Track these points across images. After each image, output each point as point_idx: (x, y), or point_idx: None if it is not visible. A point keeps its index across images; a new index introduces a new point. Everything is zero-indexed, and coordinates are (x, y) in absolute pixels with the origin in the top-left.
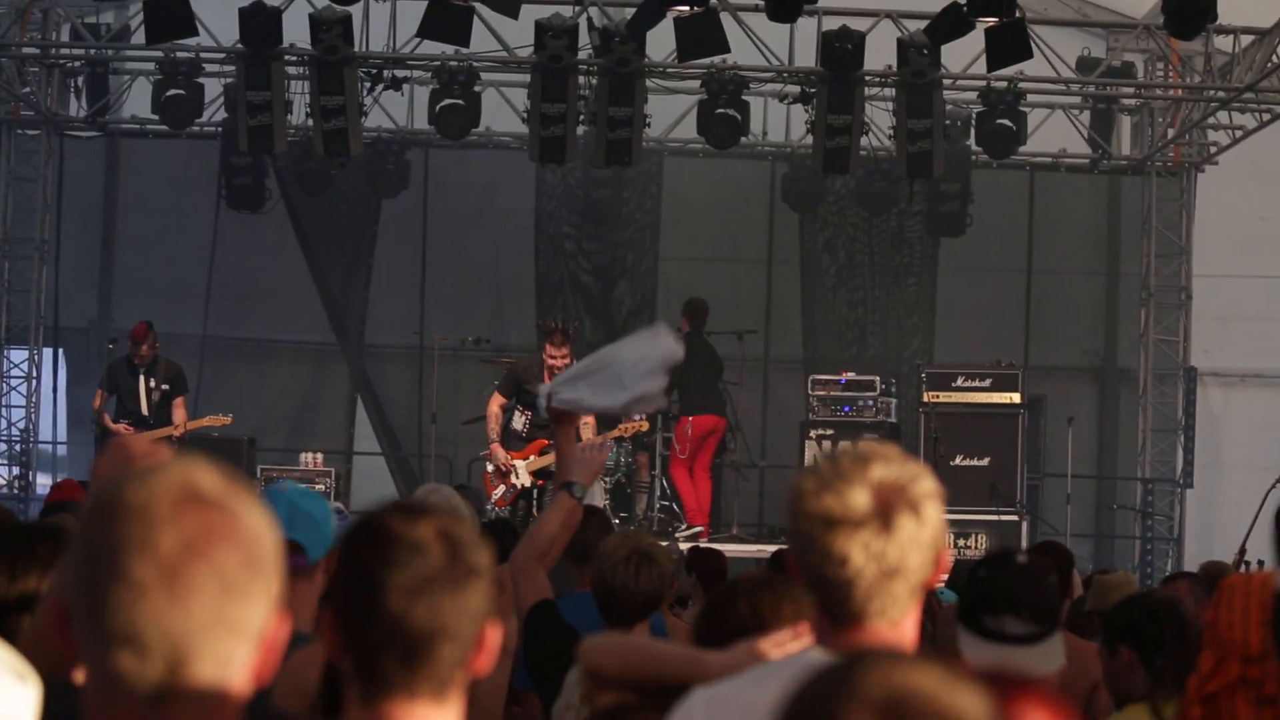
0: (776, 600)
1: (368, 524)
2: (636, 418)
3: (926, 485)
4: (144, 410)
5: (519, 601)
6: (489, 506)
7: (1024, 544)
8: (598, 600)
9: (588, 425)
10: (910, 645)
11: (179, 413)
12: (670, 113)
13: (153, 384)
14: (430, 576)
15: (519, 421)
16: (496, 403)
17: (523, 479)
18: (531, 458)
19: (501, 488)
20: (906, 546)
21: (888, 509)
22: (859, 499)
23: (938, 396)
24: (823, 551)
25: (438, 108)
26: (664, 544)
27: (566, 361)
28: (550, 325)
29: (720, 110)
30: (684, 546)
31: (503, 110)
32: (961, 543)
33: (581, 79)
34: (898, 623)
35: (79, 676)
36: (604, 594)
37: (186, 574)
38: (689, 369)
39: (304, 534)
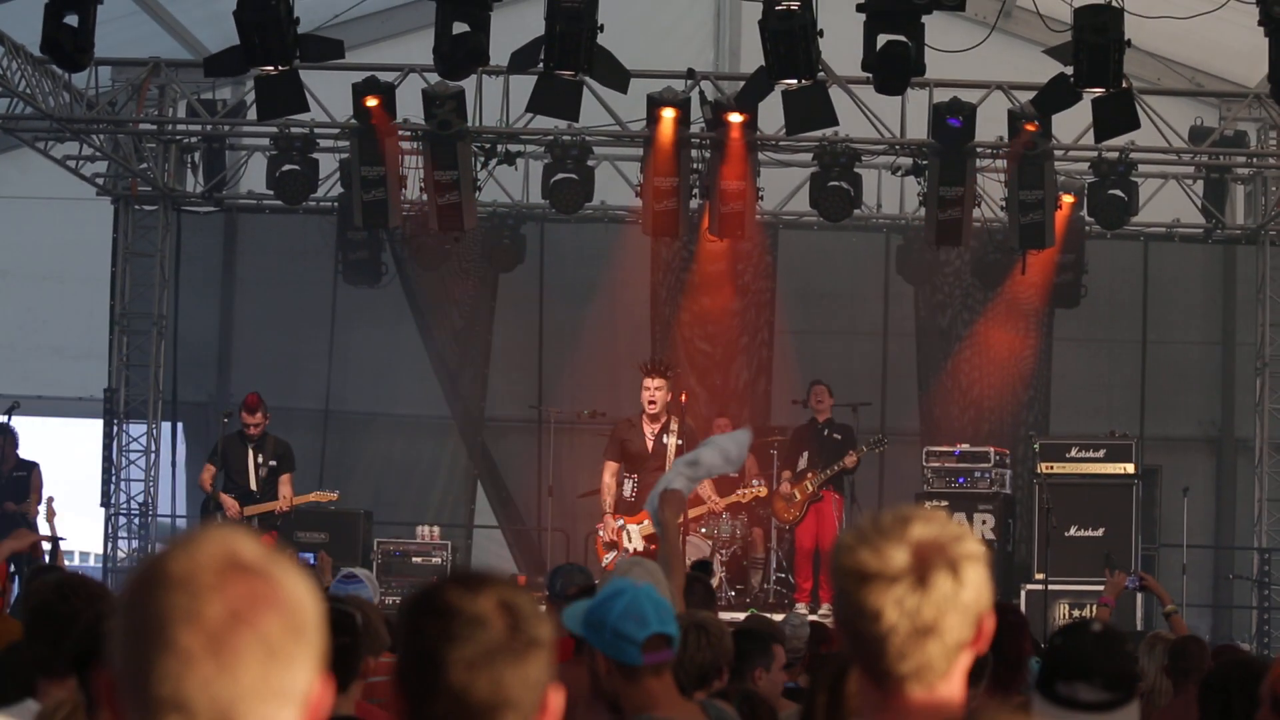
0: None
1: (428, 597)
2: (755, 484)
3: (969, 547)
4: (251, 485)
5: None
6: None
7: (1139, 615)
8: None
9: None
10: (955, 709)
11: (285, 488)
12: (783, 185)
13: (261, 459)
14: (492, 650)
15: (629, 488)
16: (609, 473)
17: (635, 543)
18: (645, 522)
19: (612, 554)
20: (942, 605)
21: (924, 566)
22: (896, 555)
23: (1052, 467)
24: (857, 607)
25: (552, 181)
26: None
27: (661, 391)
28: (644, 364)
29: (833, 183)
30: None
31: (616, 183)
32: (1076, 614)
33: (694, 152)
34: (934, 687)
35: None
36: None
37: (233, 642)
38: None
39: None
